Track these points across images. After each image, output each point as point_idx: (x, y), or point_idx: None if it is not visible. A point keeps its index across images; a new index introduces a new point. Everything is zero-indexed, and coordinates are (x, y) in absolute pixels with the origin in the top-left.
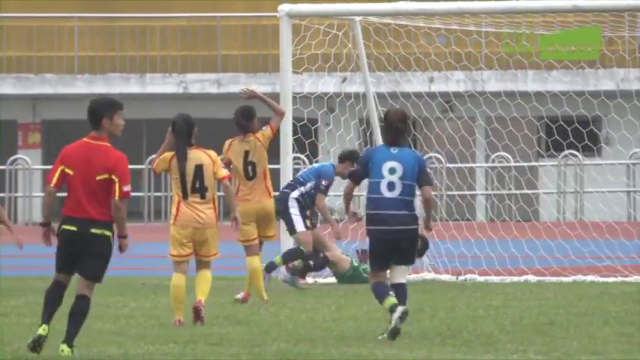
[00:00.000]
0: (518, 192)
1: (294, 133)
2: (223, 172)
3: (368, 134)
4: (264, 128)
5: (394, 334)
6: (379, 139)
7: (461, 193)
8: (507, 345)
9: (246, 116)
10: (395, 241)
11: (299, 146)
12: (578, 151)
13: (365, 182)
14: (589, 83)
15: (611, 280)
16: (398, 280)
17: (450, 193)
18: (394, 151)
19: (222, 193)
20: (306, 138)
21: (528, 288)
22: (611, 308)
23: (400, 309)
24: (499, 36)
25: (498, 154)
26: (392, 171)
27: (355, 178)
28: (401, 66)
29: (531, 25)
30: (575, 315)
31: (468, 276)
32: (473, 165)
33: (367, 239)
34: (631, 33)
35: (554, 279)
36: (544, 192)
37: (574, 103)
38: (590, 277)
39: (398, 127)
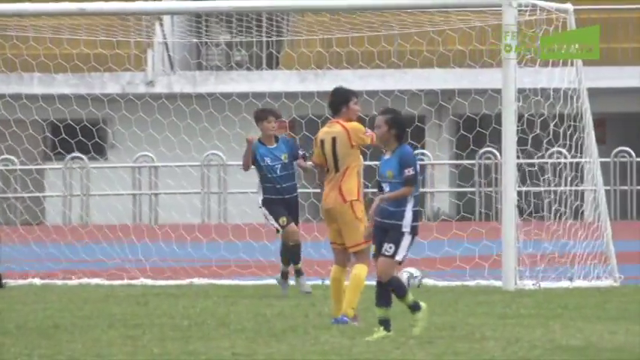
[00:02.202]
0: (25, 194)
1: None
2: None
3: None
4: None
5: None
6: None
7: (4, 196)
8: (11, 349)
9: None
10: None
11: None
12: (85, 153)
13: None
14: (95, 86)
15: (116, 282)
16: None
17: None
18: None
19: None
20: None
21: (33, 291)
22: (117, 311)
23: None
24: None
25: (3, 157)
26: None
27: None
28: None
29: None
30: (81, 318)
31: None
32: None
33: None
34: (137, 37)
35: (60, 282)
36: (51, 195)
37: (83, 105)
38: (95, 280)
39: None
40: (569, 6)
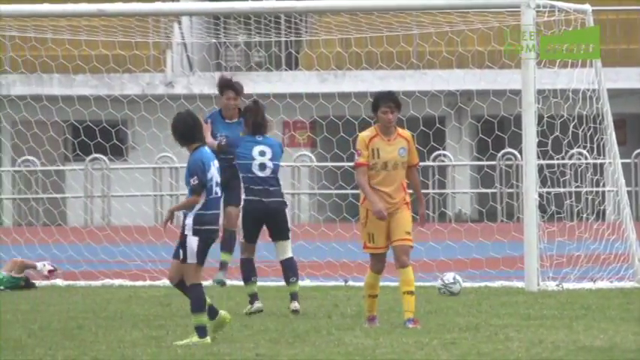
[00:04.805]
0: (45, 196)
1: None
2: None
3: None
4: None
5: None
6: None
7: (25, 197)
8: (36, 350)
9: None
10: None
11: None
12: (105, 154)
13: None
14: (115, 87)
15: (139, 283)
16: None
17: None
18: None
19: None
20: None
21: (57, 292)
22: (140, 311)
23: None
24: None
25: (24, 158)
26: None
27: None
28: None
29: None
30: (104, 319)
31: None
32: None
33: None
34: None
35: (83, 283)
36: (71, 196)
37: (102, 106)
38: (118, 281)
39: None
40: (587, 7)
